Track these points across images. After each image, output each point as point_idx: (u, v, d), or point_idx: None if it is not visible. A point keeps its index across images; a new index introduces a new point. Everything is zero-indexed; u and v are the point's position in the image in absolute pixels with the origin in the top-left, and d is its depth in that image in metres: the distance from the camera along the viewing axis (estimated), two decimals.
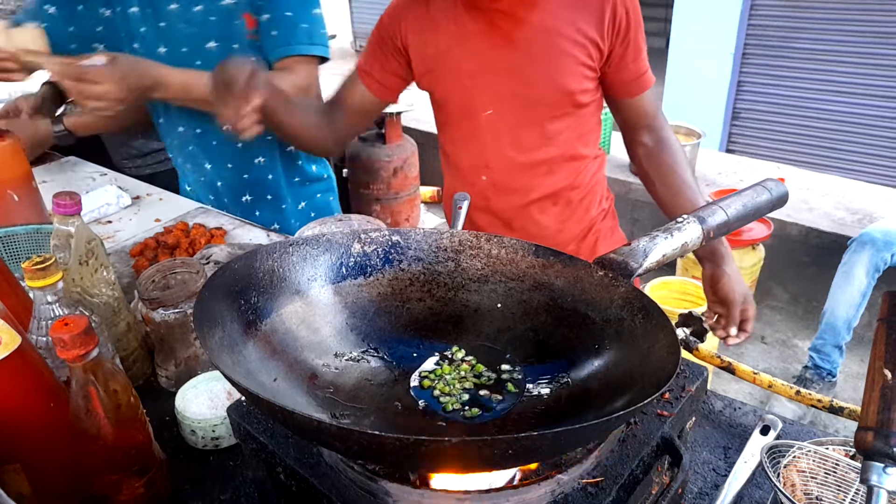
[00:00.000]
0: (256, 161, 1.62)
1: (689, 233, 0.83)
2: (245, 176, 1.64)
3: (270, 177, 1.65)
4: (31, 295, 0.85)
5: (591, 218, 1.41)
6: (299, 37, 1.46)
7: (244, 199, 1.68)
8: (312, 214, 1.77)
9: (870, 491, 0.58)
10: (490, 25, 1.20)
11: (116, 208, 1.74)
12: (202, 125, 1.56)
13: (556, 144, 1.28)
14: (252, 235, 1.58)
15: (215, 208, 1.73)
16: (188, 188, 1.81)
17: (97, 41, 1.55)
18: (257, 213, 1.70)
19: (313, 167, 1.74)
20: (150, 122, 1.73)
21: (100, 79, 1.25)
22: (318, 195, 1.78)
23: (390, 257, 0.87)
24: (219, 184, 1.68)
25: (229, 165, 1.63)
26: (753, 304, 1.22)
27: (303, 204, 1.75)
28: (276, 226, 1.71)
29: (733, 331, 1.21)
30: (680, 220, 0.84)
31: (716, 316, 1.23)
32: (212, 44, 1.46)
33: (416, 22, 1.26)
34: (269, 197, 1.68)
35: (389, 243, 0.87)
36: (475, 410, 0.71)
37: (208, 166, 1.65)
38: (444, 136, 1.40)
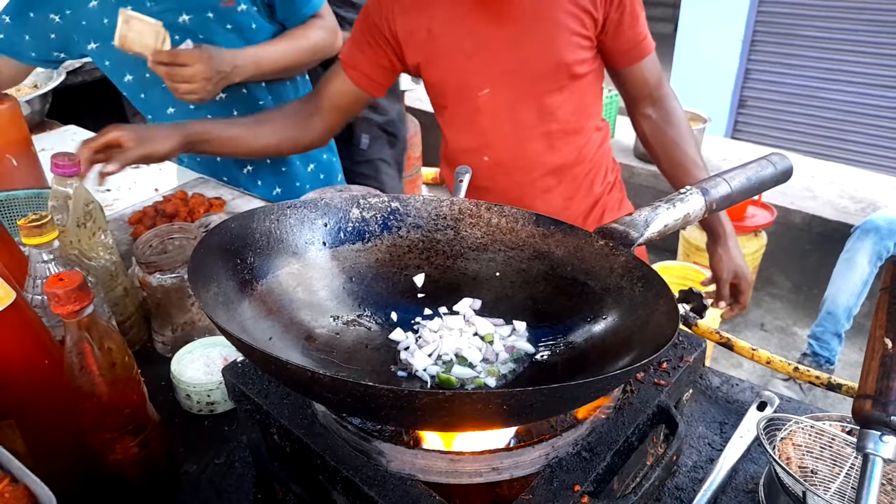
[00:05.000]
0: None
1: (691, 204, 0.82)
2: None
3: None
4: (26, 253, 0.84)
5: (597, 194, 1.40)
6: None
7: (245, 170, 1.67)
8: (322, 177, 1.77)
9: (865, 458, 0.58)
10: (481, 2, 1.17)
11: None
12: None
13: (555, 119, 1.26)
14: (252, 206, 1.57)
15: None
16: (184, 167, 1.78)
17: (53, 48, 1.53)
18: (259, 183, 1.69)
19: None
20: None
21: (190, 61, 1.31)
22: (324, 156, 1.78)
23: (389, 224, 0.86)
24: (218, 159, 1.66)
25: None
26: (747, 279, 1.28)
27: (311, 166, 1.75)
28: (279, 189, 1.70)
29: (722, 304, 1.30)
30: (683, 191, 0.84)
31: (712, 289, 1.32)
32: (184, 17, 1.43)
33: (404, 8, 1.22)
34: (268, 161, 1.67)
35: (388, 209, 0.86)
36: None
37: None
38: (443, 120, 1.37)
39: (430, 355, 0.72)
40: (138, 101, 1.59)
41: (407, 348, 0.74)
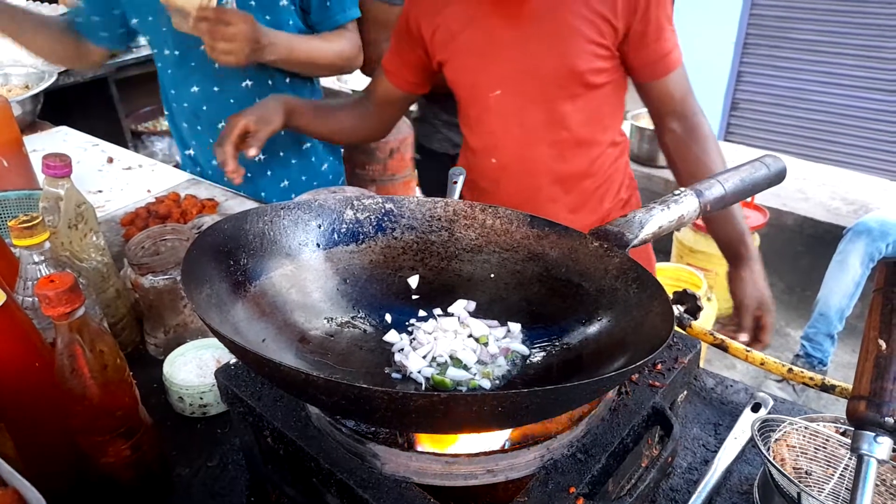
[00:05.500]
0: None
1: (685, 205, 0.82)
2: None
3: (283, 133, 1.65)
4: (17, 255, 0.83)
5: (606, 210, 1.36)
6: (346, 4, 1.58)
7: (258, 158, 1.66)
8: (330, 177, 1.79)
9: (860, 459, 0.58)
10: (498, 2, 1.17)
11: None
12: (220, 83, 1.55)
13: (566, 127, 1.24)
14: (245, 207, 1.56)
15: (218, 174, 1.69)
16: (190, 153, 1.76)
17: (118, 25, 1.59)
18: (269, 173, 1.68)
19: None
20: None
21: (234, 20, 1.33)
22: (331, 157, 1.80)
23: (383, 225, 0.86)
24: None
25: None
26: (771, 312, 1.16)
27: (325, 165, 1.76)
28: (286, 182, 1.71)
29: (743, 337, 1.15)
30: (677, 192, 0.84)
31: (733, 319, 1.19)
32: None
33: (428, 8, 1.26)
34: (280, 154, 1.68)
35: (382, 211, 0.86)
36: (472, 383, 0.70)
37: (222, 125, 1.63)
38: (461, 119, 1.38)
39: (424, 357, 0.72)
40: (166, 77, 1.63)
41: (401, 350, 0.74)
